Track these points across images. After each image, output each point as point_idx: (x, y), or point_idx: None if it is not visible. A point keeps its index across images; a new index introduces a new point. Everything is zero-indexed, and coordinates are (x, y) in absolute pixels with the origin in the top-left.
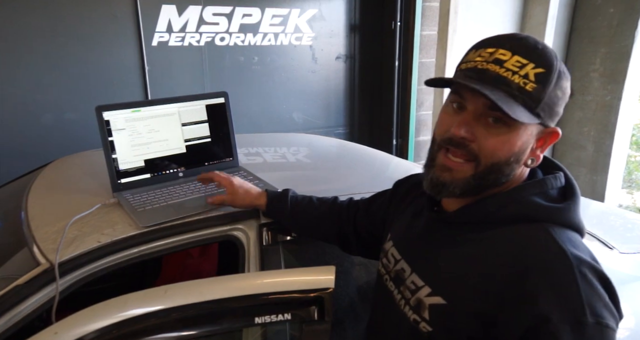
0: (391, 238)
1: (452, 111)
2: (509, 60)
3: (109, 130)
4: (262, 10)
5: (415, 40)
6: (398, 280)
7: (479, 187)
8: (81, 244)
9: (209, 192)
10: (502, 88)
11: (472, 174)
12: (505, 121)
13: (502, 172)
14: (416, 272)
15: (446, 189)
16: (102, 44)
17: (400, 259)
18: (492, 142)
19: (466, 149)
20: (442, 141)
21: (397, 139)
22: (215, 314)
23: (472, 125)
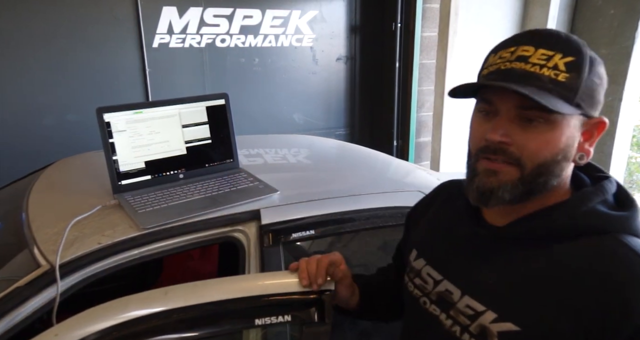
0: (420, 255)
1: (482, 119)
2: (533, 54)
3: (109, 131)
4: (263, 11)
5: (416, 42)
6: (444, 303)
7: (529, 193)
8: (82, 246)
9: (209, 194)
10: (533, 84)
11: (518, 177)
12: (544, 118)
13: (552, 173)
14: (470, 294)
15: (495, 195)
16: (103, 46)
17: (441, 280)
18: (534, 143)
19: (506, 153)
20: (478, 151)
21: (398, 140)
22: (216, 315)
23: (508, 128)
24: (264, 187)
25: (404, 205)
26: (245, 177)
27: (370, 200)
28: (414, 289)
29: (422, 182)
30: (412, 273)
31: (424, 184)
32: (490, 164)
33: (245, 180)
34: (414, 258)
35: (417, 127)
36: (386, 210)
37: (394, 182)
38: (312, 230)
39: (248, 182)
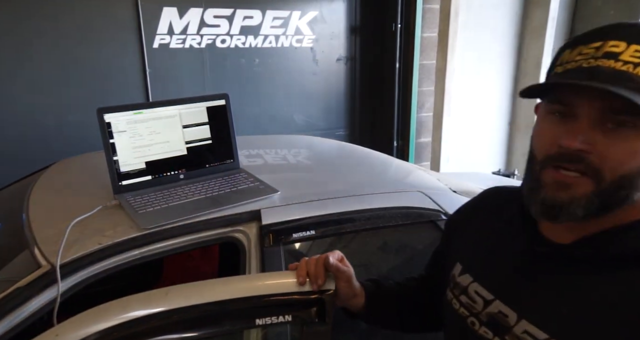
0: (466, 270)
1: (555, 122)
2: (625, 51)
3: (110, 132)
4: (263, 12)
5: (416, 42)
6: (497, 326)
7: (606, 208)
8: (82, 246)
9: (210, 194)
10: (627, 85)
11: (593, 190)
12: (634, 124)
13: (636, 186)
14: (529, 319)
15: (565, 210)
16: (103, 47)
17: (493, 300)
18: (619, 151)
19: (583, 163)
20: (548, 158)
21: (398, 141)
22: (216, 315)
23: (589, 134)
24: (264, 188)
25: (404, 206)
26: (245, 178)
27: (371, 201)
28: (459, 307)
29: (422, 182)
30: (457, 289)
31: (423, 184)
32: (562, 176)
33: (246, 180)
34: (459, 273)
35: (417, 128)
36: (386, 210)
37: (394, 183)
38: (312, 231)
39: (248, 183)
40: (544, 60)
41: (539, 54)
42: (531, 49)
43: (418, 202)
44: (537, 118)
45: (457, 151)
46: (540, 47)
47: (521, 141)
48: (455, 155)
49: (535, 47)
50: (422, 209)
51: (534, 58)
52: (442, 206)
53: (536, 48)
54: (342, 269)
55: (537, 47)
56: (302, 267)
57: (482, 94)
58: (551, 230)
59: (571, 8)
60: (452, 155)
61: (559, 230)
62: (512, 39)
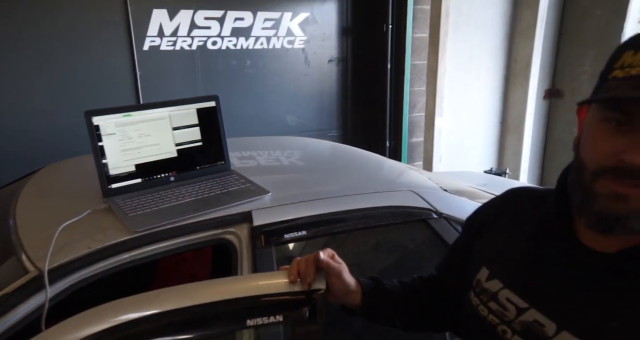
0: (494, 275)
1: (610, 131)
2: None
3: (98, 135)
4: (254, 13)
5: (407, 43)
6: (533, 336)
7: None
8: (71, 251)
9: (200, 196)
10: None
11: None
12: None
13: None
14: (570, 331)
15: (623, 223)
16: (93, 49)
17: (527, 308)
18: None
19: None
20: (602, 169)
21: (390, 141)
22: (207, 317)
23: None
24: (255, 189)
25: (396, 205)
26: (236, 179)
27: (362, 201)
28: (488, 314)
29: (413, 181)
30: (484, 295)
31: (415, 183)
32: (620, 188)
33: (237, 182)
34: (486, 278)
35: (409, 128)
36: (378, 210)
37: (385, 182)
38: (304, 231)
39: (239, 184)
40: (534, 60)
41: (529, 53)
42: (521, 49)
43: (409, 201)
44: (587, 123)
45: (449, 150)
46: (530, 47)
47: (512, 140)
48: (448, 154)
49: (525, 47)
50: (414, 208)
51: (524, 58)
52: (433, 205)
53: (526, 48)
54: (332, 264)
55: (527, 47)
56: (293, 266)
57: (473, 94)
58: (592, 238)
59: (560, 8)
60: (445, 154)
61: (600, 239)
62: (502, 39)
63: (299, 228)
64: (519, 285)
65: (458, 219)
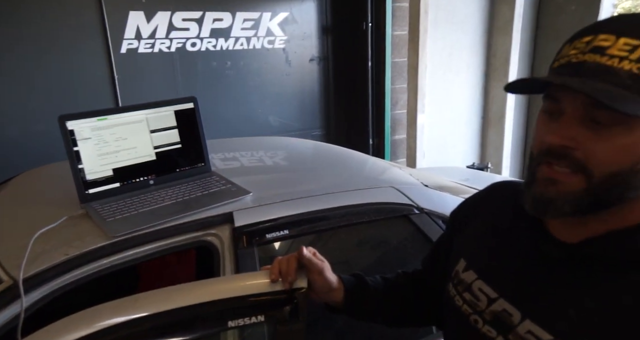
0: (470, 266)
1: (547, 119)
2: (613, 45)
3: (73, 139)
4: (233, 14)
5: (387, 41)
6: (501, 325)
7: (599, 205)
8: (48, 258)
9: (181, 199)
10: (609, 80)
11: (584, 187)
12: (620, 119)
13: (630, 184)
14: (533, 320)
15: (553, 206)
16: (68, 53)
17: (497, 298)
18: (605, 149)
19: (569, 158)
20: (539, 154)
21: (374, 139)
22: (187, 320)
23: (573, 130)
24: (236, 190)
25: (377, 202)
26: (217, 181)
27: (344, 198)
28: (462, 304)
29: (395, 178)
30: (460, 286)
31: (396, 180)
32: (551, 172)
33: (217, 183)
34: (463, 269)
35: (391, 125)
36: (360, 207)
37: (367, 180)
38: (286, 230)
39: (220, 185)
40: (512, 55)
41: (507, 49)
42: (499, 44)
43: (391, 198)
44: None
45: (432, 147)
46: (508, 43)
47: (493, 135)
48: (431, 150)
49: (503, 43)
50: (395, 204)
51: (503, 53)
52: (415, 201)
53: (504, 43)
54: (314, 261)
55: (505, 43)
56: (274, 265)
57: (454, 90)
58: (558, 228)
59: (536, 4)
60: (428, 150)
61: (563, 229)
62: (481, 35)
63: (281, 227)
64: (490, 275)
65: (439, 214)
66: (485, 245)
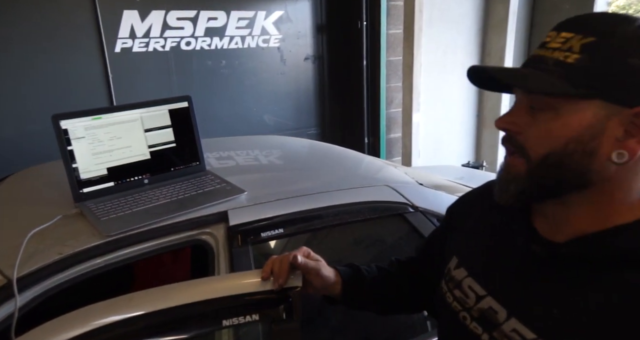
0: (461, 264)
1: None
2: (553, 39)
3: (67, 139)
4: (228, 13)
5: (382, 39)
6: (487, 322)
7: (543, 188)
8: (42, 257)
9: (175, 198)
10: (537, 66)
11: (525, 169)
12: (548, 103)
13: (566, 166)
14: (518, 317)
15: (505, 188)
16: (62, 52)
17: (485, 295)
18: (537, 130)
19: (511, 142)
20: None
21: (369, 138)
22: (182, 319)
23: (515, 116)
24: (231, 189)
25: (372, 200)
26: (212, 179)
27: (339, 197)
28: (453, 301)
29: (390, 177)
30: (451, 283)
31: (391, 178)
32: (507, 158)
33: (212, 182)
34: (455, 266)
35: (387, 124)
36: (355, 205)
37: (362, 178)
38: (281, 229)
39: (215, 184)
40: (507, 54)
41: (502, 47)
42: (494, 43)
43: (386, 196)
44: None
45: (427, 145)
46: (503, 41)
47: (488, 133)
48: (426, 149)
49: (498, 41)
50: (390, 202)
51: (497, 51)
52: (410, 199)
53: (499, 41)
54: (309, 264)
55: (500, 41)
56: (267, 264)
57: (449, 88)
58: (546, 228)
59: (530, 3)
60: (423, 149)
61: (551, 229)
62: (476, 33)
63: (276, 226)
64: (480, 273)
65: (434, 213)
66: (478, 244)
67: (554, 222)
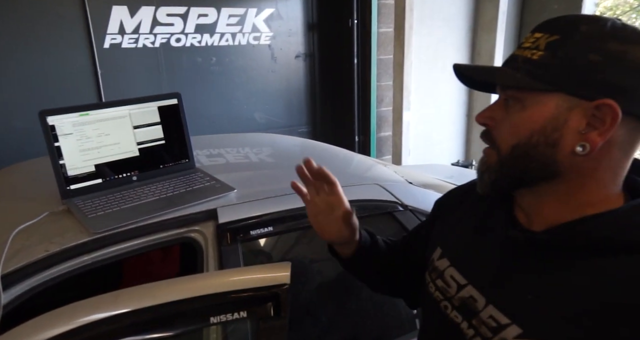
0: (444, 254)
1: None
2: (527, 40)
3: (54, 135)
4: (218, 10)
5: (373, 38)
6: (466, 311)
7: (512, 177)
8: (27, 254)
9: (164, 195)
10: (509, 65)
11: (496, 160)
12: (516, 97)
13: (531, 156)
14: (494, 304)
15: (480, 178)
16: (50, 47)
17: (466, 284)
18: (507, 123)
19: (488, 137)
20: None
21: (359, 136)
22: (169, 316)
23: (492, 111)
24: (220, 186)
25: (362, 198)
26: (201, 177)
27: None
28: (435, 291)
29: (379, 175)
30: (434, 273)
31: (380, 177)
32: (484, 150)
33: (202, 179)
34: (438, 257)
35: (377, 122)
36: None
37: (352, 176)
38: (270, 227)
39: (204, 182)
40: (497, 53)
41: (492, 46)
42: (484, 42)
43: (375, 195)
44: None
45: (417, 144)
46: (493, 40)
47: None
48: (416, 148)
49: (488, 40)
50: (379, 201)
51: (487, 51)
52: (399, 198)
53: (489, 41)
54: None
55: (490, 40)
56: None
57: (439, 87)
58: (525, 217)
59: (520, 3)
60: (413, 148)
61: (528, 219)
62: (466, 32)
63: (266, 224)
64: (462, 263)
65: (423, 211)
66: (461, 235)
67: (529, 212)
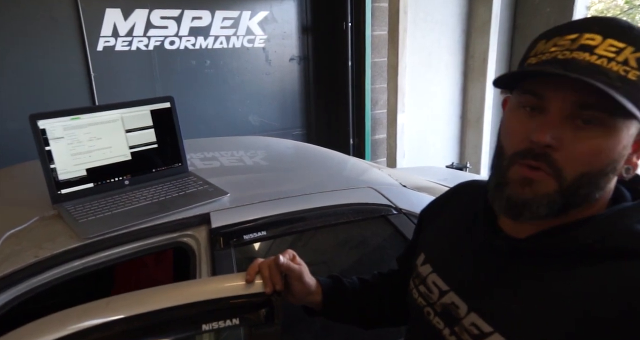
0: (427, 260)
1: (526, 116)
2: (600, 44)
3: (45, 139)
4: (212, 12)
5: (367, 41)
6: (449, 317)
7: (567, 206)
8: (17, 260)
9: (156, 199)
10: (599, 79)
11: (556, 189)
12: (602, 121)
13: (597, 186)
14: (477, 312)
15: (529, 208)
16: (43, 50)
17: (447, 291)
18: (584, 149)
19: (547, 160)
20: (515, 155)
21: (354, 139)
22: (160, 323)
23: (558, 129)
24: (213, 190)
25: (356, 202)
26: (194, 181)
27: (322, 199)
28: (418, 297)
29: (373, 178)
30: (417, 279)
31: (374, 180)
32: (528, 172)
33: (195, 183)
34: (421, 263)
35: (372, 125)
36: (338, 207)
37: (346, 180)
38: (264, 231)
39: (197, 186)
40: (490, 55)
41: (485, 49)
42: (477, 44)
43: (369, 198)
44: (506, 112)
45: (412, 146)
46: (486, 43)
47: (472, 135)
48: (411, 150)
49: (481, 43)
50: (373, 204)
51: (481, 53)
52: (393, 201)
53: (482, 43)
54: (292, 267)
55: (483, 43)
56: (253, 267)
57: (433, 90)
58: (507, 224)
59: (512, 6)
60: (408, 150)
61: (515, 225)
62: (460, 35)
63: (259, 228)
64: (444, 269)
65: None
66: (444, 241)
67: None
